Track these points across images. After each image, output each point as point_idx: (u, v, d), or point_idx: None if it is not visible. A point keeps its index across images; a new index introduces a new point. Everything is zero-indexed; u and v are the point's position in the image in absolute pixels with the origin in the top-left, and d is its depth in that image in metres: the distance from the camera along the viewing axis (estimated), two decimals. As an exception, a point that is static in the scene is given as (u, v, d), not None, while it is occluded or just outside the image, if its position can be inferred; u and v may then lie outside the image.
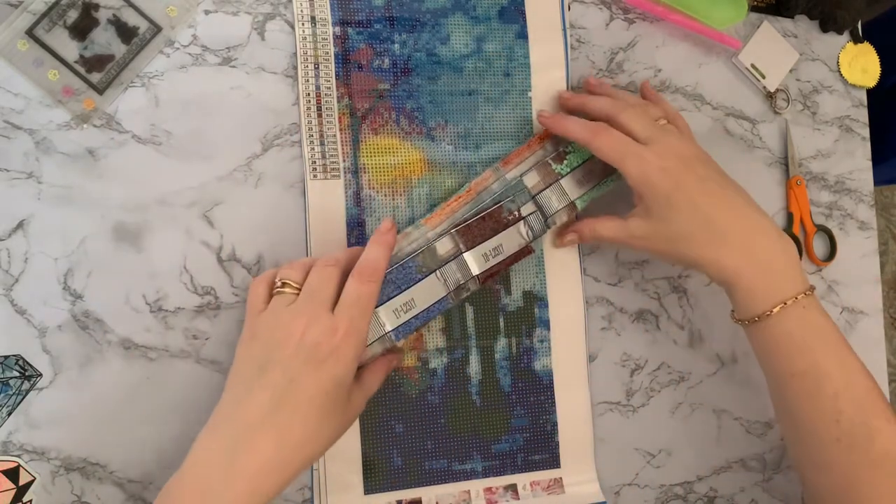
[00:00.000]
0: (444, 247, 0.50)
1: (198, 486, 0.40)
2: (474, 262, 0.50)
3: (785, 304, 0.47)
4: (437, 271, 0.50)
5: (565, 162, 0.54)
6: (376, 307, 0.48)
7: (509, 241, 0.51)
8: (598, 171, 0.54)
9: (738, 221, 0.49)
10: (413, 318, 0.49)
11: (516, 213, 0.52)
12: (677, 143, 0.50)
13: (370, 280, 0.45)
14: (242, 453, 0.40)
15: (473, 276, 0.50)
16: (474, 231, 0.51)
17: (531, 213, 0.52)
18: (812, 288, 0.49)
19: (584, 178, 0.54)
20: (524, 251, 0.52)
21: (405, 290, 0.49)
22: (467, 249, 0.50)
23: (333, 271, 0.46)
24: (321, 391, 0.42)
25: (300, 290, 0.45)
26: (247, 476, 0.40)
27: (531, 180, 0.53)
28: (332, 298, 0.45)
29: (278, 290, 0.45)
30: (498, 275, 0.52)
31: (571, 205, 0.53)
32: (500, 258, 0.51)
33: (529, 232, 0.52)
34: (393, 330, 0.48)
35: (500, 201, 0.52)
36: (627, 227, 0.52)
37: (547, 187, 0.53)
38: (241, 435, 0.41)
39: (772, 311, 0.47)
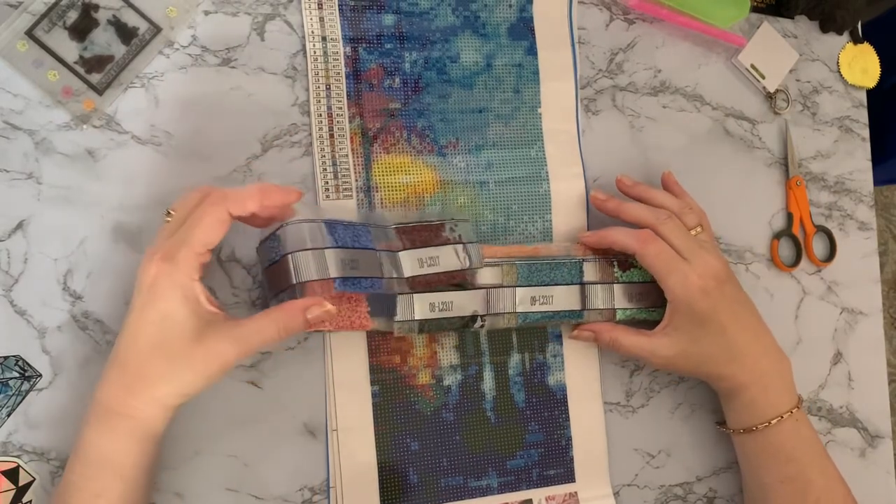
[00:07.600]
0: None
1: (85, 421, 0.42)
2: (408, 262, 0.48)
3: (781, 417, 0.51)
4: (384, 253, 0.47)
5: (627, 273, 0.54)
6: (326, 248, 0.44)
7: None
8: (651, 298, 0.54)
9: (752, 343, 0.52)
10: (356, 278, 0.45)
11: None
12: (714, 261, 0.51)
13: (211, 202, 0.41)
14: (101, 383, 0.42)
15: (406, 278, 0.48)
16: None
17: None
18: (801, 400, 0.53)
19: (635, 296, 0.54)
20: None
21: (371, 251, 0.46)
22: (406, 248, 0.48)
23: (201, 199, 0.42)
24: (147, 323, 0.41)
25: None
26: (101, 402, 0.41)
27: (589, 271, 0.53)
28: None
29: (166, 218, 0.44)
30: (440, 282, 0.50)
31: (612, 311, 0.54)
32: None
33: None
34: (338, 278, 0.44)
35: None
36: (651, 344, 0.52)
37: (599, 284, 0.53)
38: (107, 368, 0.42)
39: (770, 423, 0.51)
